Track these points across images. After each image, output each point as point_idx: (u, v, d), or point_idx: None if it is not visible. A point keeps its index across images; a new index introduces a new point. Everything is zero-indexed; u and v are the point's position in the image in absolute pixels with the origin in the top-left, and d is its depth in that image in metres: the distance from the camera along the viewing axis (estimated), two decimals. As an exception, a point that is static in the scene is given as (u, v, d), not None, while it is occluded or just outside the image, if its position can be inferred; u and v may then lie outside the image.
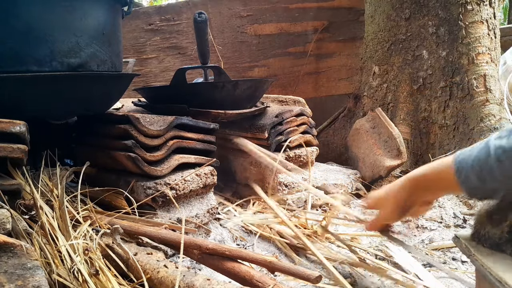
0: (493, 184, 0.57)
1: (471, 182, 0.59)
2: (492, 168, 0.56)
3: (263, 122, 1.45)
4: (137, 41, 2.41)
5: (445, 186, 0.66)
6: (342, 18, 2.34)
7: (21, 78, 0.86)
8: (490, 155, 0.56)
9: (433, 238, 1.15)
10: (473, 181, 0.59)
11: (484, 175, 0.57)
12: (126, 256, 0.81)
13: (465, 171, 0.60)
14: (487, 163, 0.56)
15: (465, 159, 0.60)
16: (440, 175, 0.66)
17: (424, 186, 0.71)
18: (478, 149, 0.59)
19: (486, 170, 0.57)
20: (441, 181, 0.66)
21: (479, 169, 0.58)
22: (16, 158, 0.77)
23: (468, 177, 0.59)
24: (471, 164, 0.59)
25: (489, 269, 0.56)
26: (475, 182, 0.59)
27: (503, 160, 0.55)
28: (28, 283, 0.58)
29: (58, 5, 0.91)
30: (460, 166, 0.60)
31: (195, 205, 1.12)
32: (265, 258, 0.76)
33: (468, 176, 0.59)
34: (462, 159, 0.61)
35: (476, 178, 0.58)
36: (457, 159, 0.61)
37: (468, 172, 0.59)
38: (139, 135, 1.02)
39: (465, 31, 1.57)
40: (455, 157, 0.62)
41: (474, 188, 0.60)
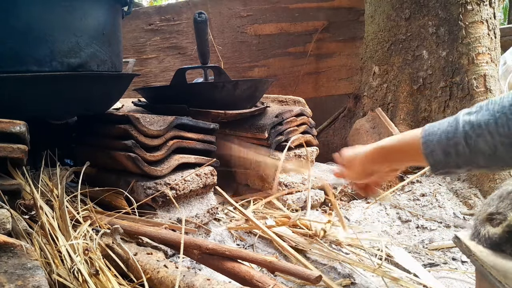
0: (457, 159, 0.57)
1: (436, 155, 0.59)
2: (459, 144, 0.56)
3: (263, 122, 1.45)
4: (137, 41, 2.41)
5: (411, 158, 0.67)
6: (342, 18, 2.34)
7: (21, 78, 0.86)
8: (458, 130, 0.56)
9: (433, 238, 1.16)
10: (439, 155, 0.59)
11: (450, 149, 0.57)
12: (126, 256, 0.81)
13: (432, 144, 0.60)
14: (454, 138, 0.57)
15: (433, 132, 0.60)
16: (407, 147, 0.66)
17: (390, 157, 0.71)
18: (447, 123, 0.59)
19: (453, 144, 0.57)
20: (407, 153, 0.66)
21: (446, 144, 0.58)
22: (16, 158, 0.77)
23: (434, 151, 0.59)
24: (438, 137, 0.59)
25: (489, 269, 0.56)
26: (441, 156, 0.59)
27: (470, 135, 0.55)
28: (28, 283, 0.58)
29: (58, 5, 0.90)
30: (427, 139, 0.60)
31: (195, 205, 1.12)
32: (265, 258, 0.76)
33: (434, 149, 0.59)
34: (430, 132, 0.61)
35: (441, 152, 0.59)
36: (425, 132, 0.61)
37: (435, 146, 0.59)
38: (139, 135, 1.02)
39: (465, 31, 1.56)
40: (424, 130, 0.62)
41: (439, 162, 0.60)
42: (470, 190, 1.39)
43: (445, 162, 0.59)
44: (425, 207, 1.35)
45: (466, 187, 1.41)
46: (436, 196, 1.38)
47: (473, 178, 1.43)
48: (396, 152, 0.70)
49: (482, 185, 1.39)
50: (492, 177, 1.36)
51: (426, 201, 1.37)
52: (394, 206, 1.38)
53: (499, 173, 1.35)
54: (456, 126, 0.57)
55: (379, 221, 1.31)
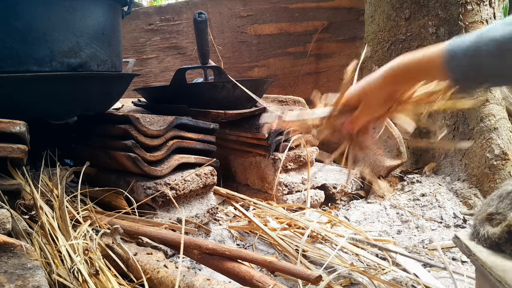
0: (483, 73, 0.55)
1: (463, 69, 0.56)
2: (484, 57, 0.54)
3: (263, 122, 1.45)
4: (137, 41, 2.41)
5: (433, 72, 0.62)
6: (342, 18, 2.34)
7: (21, 78, 0.86)
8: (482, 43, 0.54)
9: (433, 238, 1.16)
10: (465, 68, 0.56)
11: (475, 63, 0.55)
12: (126, 256, 0.81)
13: (458, 58, 0.57)
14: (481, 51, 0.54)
15: (459, 46, 0.57)
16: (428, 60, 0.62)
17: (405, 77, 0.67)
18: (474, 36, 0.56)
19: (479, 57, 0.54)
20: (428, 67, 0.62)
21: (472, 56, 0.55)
22: (16, 158, 0.77)
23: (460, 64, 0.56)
24: (463, 51, 0.56)
25: (489, 269, 0.56)
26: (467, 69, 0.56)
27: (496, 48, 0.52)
28: (28, 283, 0.58)
29: (58, 5, 0.90)
30: (452, 53, 0.57)
31: (195, 205, 1.12)
32: (265, 258, 0.76)
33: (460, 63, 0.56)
34: (455, 46, 0.58)
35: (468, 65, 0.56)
36: (450, 46, 0.58)
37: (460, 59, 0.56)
38: (139, 135, 1.02)
39: (465, 31, 1.56)
40: (447, 44, 0.59)
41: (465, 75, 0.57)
42: (470, 190, 1.39)
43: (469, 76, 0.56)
44: (425, 207, 1.35)
45: (466, 187, 1.41)
46: (436, 196, 1.38)
47: (473, 178, 1.43)
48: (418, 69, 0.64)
49: (482, 185, 1.39)
50: (492, 177, 1.36)
51: (426, 201, 1.37)
52: (394, 206, 1.38)
53: (499, 173, 1.35)
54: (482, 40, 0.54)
55: (379, 221, 1.31)
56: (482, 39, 0.54)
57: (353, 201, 1.52)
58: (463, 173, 1.47)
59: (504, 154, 1.36)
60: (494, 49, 0.53)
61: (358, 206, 1.43)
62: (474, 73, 0.55)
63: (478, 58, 0.54)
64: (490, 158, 1.38)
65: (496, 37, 0.53)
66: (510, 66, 0.53)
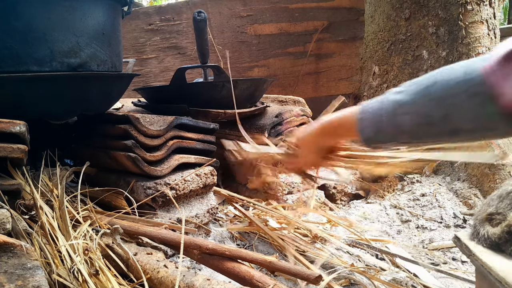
0: (384, 135, 0.62)
1: (368, 131, 0.64)
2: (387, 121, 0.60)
3: (263, 122, 1.45)
4: (137, 41, 2.41)
5: (348, 133, 0.71)
6: (342, 18, 2.34)
7: (21, 78, 0.86)
8: (387, 108, 0.60)
9: (433, 238, 1.16)
10: (370, 130, 0.64)
11: (379, 126, 0.62)
12: (126, 256, 0.81)
13: (365, 120, 0.64)
14: (382, 116, 0.61)
15: (367, 110, 0.65)
16: (344, 122, 0.71)
17: (329, 131, 0.77)
18: (378, 102, 0.63)
19: (381, 122, 0.61)
20: (344, 128, 0.71)
21: (377, 120, 0.62)
22: (16, 158, 0.77)
23: (367, 127, 0.64)
24: (370, 115, 0.63)
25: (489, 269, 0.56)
26: (371, 131, 0.63)
27: (395, 113, 0.59)
28: (28, 283, 0.58)
29: (58, 5, 0.90)
30: (362, 116, 0.65)
31: (195, 205, 1.12)
32: (265, 258, 0.76)
33: (367, 126, 0.64)
34: (364, 110, 0.65)
35: (372, 128, 0.63)
36: (361, 109, 0.66)
37: (367, 122, 0.64)
38: (139, 135, 1.02)
39: (465, 31, 1.56)
40: (360, 107, 0.66)
41: (369, 137, 0.64)
42: (470, 190, 1.39)
43: (375, 137, 0.64)
44: (425, 207, 1.35)
45: (466, 187, 1.41)
46: (436, 196, 1.38)
47: (473, 178, 1.43)
48: (335, 127, 0.74)
49: (482, 185, 1.39)
50: (492, 177, 1.36)
51: (426, 201, 1.37)
52: (394, 206, 1.38)
53: (499, 173, 1.35)
54: (385, 104, 0.61)
55: (379, 221, 1.31)
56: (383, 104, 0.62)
57: (353, 201, 1.52)
58: (463, 173, 1.47)
59: (504, 154, 1.36)
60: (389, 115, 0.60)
61: (358, 206, 1.43)
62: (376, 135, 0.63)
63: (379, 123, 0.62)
64: (490, 158, 1.38)
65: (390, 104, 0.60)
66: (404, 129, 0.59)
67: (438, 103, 0.54)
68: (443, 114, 0.54)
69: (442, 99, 0.54)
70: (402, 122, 0.58)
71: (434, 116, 0.55)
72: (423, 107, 0.56)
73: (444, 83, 0.54)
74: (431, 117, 0.55)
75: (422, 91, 0.56)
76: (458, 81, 0.53)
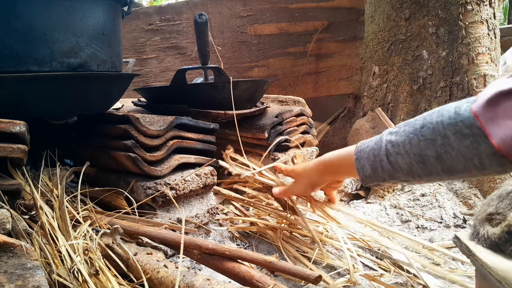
0: (383, 174, 0.64)
1: (366, 170, 0.67)
2: (382, 160, 0.63)
3: (263, 122, 1.45)
4: (137, 41, 2.41)
5: (348, 172, 0.74)
6: (342, 18, 2.34)
7: (21, 78, 0.86)
8: (381, 148, 0.63)
9: (433, 238, 1.15)
10: (368, 170, 0.66)
11: (376, 165, 0.64)
12: (126, 256, 0.81)
13: (362, 160, 0.67)
14: (379, 155, 0.64)
15: (363, 150, 0.67)
16: (344, 162, 0.74)
17: (330, 170, 0.80)
18: (374, 141, 0.66)
19: (378, 161, 0.64)
20: (344, 167, 0.74)
21: (373, 160, 0.65)
22: (16, 158, 0.77)
23: (364, 166, 0.67)
24: (367, 155, 0.66)
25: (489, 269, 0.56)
26: (369, 170, 0.66)
27: (391, 153, 0.62)
28: (28, 283, 0.58)
29: (58, 5, 0.90)
30: (359, 156, 0.68)
31: (195, 205, 1.12)
32: (265, 258, 0.76)
33: (364, 165, 0.67)
34: (361, 150, 0.68)
35: (370, 168, 0.66)
36: (357, 149, 0.69)
37: (364, 161, 0.67)
38: (139, 135, 1.02)
39: (465, 31, 1.56)
40: (356, 147, 0.69)
41: (368, 176, 0.67)
42: (470, 190, 1.39)
43: (373, 176, 0.66)
44: (425, 207, 1.35)
45: (466, 187, 1.41)
46: (436, 196, 1.38)
47: (473, 178, 1.43)
48: (336, 166, 0.78)
49: (482, 185, 1.39)
50: (492, 177, 1.36)
51: (426, 201, 1.37)
52: (394, 206, 1.38)
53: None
54: (380, 144, 0.64)
55: (379, 221, 1.31)
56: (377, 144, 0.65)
57: (353, 201, 1.52)
58: (463, 173, 1.47)
59: (504, 154, 1.36)
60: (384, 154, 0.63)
61: (358, 206, 1.43)
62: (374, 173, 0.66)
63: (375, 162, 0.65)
64: (490, 158, 1.38)
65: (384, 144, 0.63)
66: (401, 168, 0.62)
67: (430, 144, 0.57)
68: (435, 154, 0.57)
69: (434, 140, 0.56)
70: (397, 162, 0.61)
71: (428, 156, 0.58)
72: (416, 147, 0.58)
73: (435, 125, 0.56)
74: (425, 156, 0.58)
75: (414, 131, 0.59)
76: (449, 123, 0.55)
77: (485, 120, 0.50)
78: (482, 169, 0.55)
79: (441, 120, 0.56)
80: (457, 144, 0.54)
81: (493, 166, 0.54)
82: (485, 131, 0.51)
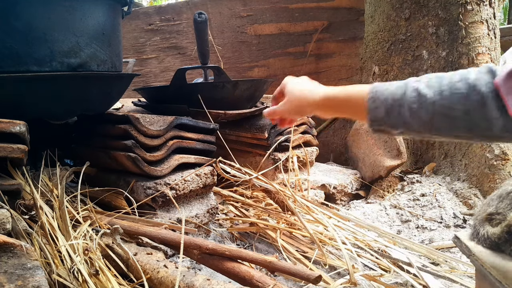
0: (396, 120, 0.61)
1: (379, 112, 0.63)
2: (402, 106, 0.60)
3: (263, 122, 1.45)
4: (137, 41, 2.41)
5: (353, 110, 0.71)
6: (342, 18, 2.34)
7: (21, 78, 0.86)
8: (405, 95, 0.60)
9: (433, 238, 1.15)
10: (381, 112, 0.63)
11: (393, 110, 0.61)
12: (126, 256, 0.81)
13: (378, 101, 0.63)
14: (400, 100, 0.60)
15: (381, 91, 0.63)
16: (353, 99, 0.69)
17: (335, 107, 0.75)
18: (396, 85, 0.62)
19: (397, 106, 0.61)
20: (352, 105, 0.70)
21: (391, 104, 0.61)
22: (16, 158, 0.77)
23: (378, 107, 0.63)
24: (385, 97, 0.62)
25: (489, 269, 0.56)
26: (383, 113, 0.63)
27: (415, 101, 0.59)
28: (28, 283, 0.58)
29: (58, 5, 0.91)
30: (375, 96, 0.64)
31: (195, 205, 1.12)
32: (265, 258, 0.76)
33: (378, 106, 0.63)
34: (378, 90, 0.64)
35: (384, 110, 0.62)
36: (374, 89, 0.65)
37: (380, 103, 0.63)
38: (139, 135, 1.02)
39: (465, 31, 1.56)
40: (373, 86, 0.65)
41: (379, 118, 0.63)
42: (470, 190, 1.39)
43: (384, 120, 0.63)
44: (425, 207, 1.35)
45: (466, 187, 1.41)
46: (436, 196, 1.38)
47: (473, 178, 1.43)
48: (342, 102, 0.73)
49: (482, 185, 1.39)
50: (492, 177, 1.36)
51: (426, 201, 1.37)
52: (394, 206, 1.38)
53: (499, 173, 1.35)
54: (405, 90, 0.60)
55: (379, 221, 1.31)
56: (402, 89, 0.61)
57: (353, 201, 1.52)
58: (463, 173, 1.47)
59: (504, 154, 1.36)
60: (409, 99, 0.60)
61: (358, 206, 1.43)
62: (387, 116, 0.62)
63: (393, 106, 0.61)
64: (490, 158, 1.38)
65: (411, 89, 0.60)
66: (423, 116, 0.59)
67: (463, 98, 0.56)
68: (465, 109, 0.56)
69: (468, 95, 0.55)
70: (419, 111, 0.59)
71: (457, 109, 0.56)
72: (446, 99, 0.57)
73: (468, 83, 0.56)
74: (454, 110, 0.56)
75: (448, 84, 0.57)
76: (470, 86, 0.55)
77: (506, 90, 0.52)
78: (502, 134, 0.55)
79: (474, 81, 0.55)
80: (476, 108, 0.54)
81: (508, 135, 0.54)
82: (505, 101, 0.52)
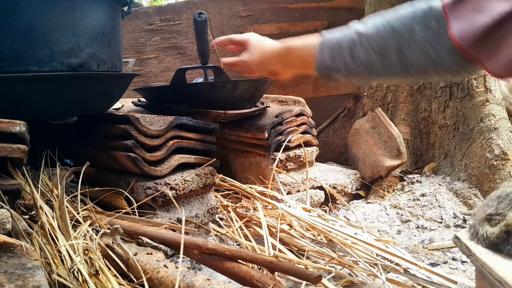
0: (339, 64, 0.61)
1: (324, 58, 0.63)
2: (344, 49, 0.60)
3: (263, 122, 1.45)
4: (137, 41, 2.40)
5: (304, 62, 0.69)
6: (342, 18, 2.33)
7: (21, 78, 0.86)
8: (346, 38, 0.60)
9: (433, 238, 1.16)
10: (326, 58, 0.63)
11: (336, 54, 0.61)
12: (126, 256, 0.81)
13: (325, 47, 0.63)
14: (342, 44, 0.61)
15: (330, 38, 0.63)
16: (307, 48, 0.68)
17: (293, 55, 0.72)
18: (342, 31, 0.62)
19: (339, 49, 0.61)
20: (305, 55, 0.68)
21: (336, 47, 0.61)
22: (16, 158, 0.77)
23: (324, 54, 0.63)
24: (331, 44, 0.63)
25: (489, 269, 0.57)
26: (328, 59, 0.62)
27: (355, 43, 0.59)
28: (28, 283, 0.58)
29: (58, 5, 0.91)
30: (323, 43, 0.64)
31: (195, 205, 1.12)
32: (265, 258, 0.76)
33: (324, 52, 0.63)
34: (326, 36, 0.64)
35: (329, 55, 0.62)
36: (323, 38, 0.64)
37: (326, 49, 0.63)
38: (139, 135, 1.02)
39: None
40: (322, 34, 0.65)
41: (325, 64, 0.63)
42: (470, 190, 1.39)
43: (329, 63, 0.63)
44: (425, 207, 1.35)
45: (466, 187, 1.41)
46: (436, 196, 1.38)
47: (473, 178, 1.43)
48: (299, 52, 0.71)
49: (482, 185, 1.39)
50: (492, 177, 1.36)
51: (426, 201, 1.37)
52: (394, 206, 1.38)
53: (499, 173, 1.35)
54: (347, 34, 0.61)
55: (379, 221, 1.31)
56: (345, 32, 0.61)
57: (353, 201, 1.52)
58: (463, 173, 1.47)
59: (504, 154, 1.36)
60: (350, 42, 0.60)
61: (358, 206, 1.43)
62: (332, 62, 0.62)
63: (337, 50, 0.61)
64: (490, 158, 1.38)
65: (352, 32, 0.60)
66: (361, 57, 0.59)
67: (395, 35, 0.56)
68: (396, 46, 0.56)
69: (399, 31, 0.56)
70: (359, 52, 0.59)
71: (388, 47, 0.56)
72: (381, 39, 0.57)
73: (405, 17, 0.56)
74: (386, 48, 0.57)
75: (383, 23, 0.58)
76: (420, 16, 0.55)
77: (450, 12, 0.51)
78: (438, 65, 0.55)
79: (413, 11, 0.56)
80: (420, 36, 0.54)
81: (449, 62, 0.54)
82: (448, 22, 0.51)
